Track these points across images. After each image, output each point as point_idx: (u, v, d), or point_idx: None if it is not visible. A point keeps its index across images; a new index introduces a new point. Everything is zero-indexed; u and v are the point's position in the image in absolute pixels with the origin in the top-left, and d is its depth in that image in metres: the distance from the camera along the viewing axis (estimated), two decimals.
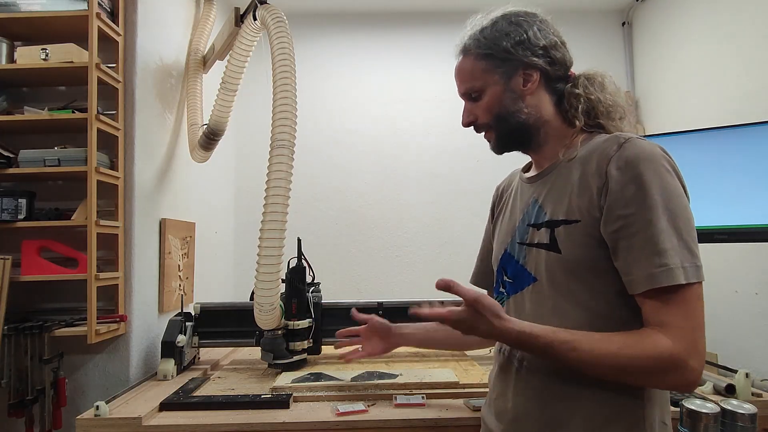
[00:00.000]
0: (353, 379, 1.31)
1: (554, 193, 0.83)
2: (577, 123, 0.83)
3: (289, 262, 1.49)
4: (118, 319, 1.39)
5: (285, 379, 1.32)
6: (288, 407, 1.17)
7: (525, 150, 0.92)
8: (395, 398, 1.20)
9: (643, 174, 0.71)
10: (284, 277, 1.46)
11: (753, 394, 1.18)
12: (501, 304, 0.80)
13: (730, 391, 1.17)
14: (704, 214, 1.45)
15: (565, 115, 0.86)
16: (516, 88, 0.84)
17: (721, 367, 1.38)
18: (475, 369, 1.46)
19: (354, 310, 1.21)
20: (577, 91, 0.83)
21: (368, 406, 1.17)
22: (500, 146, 0.90)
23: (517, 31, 0.83)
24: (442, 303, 1.68)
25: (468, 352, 1.62)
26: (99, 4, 1.36)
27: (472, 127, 0.91)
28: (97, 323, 1.31)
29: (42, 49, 1.36)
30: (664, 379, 0.69)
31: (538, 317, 0.80)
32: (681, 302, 0.69)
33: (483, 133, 0.91)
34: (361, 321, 1.21)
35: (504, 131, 0.87)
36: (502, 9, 0.86)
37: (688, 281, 0.68)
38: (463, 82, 0.88)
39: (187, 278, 1.84)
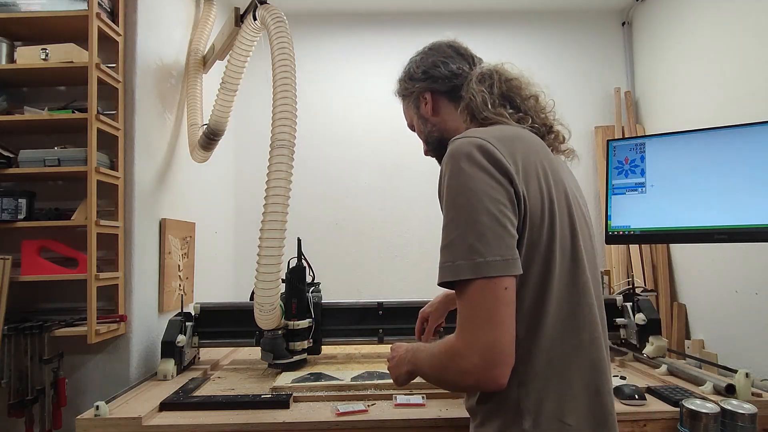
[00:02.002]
0: (353, 379, 1.31)
1: None
2: (464, 124, 0.89)
3: (289, 262, 1.49)
4: (118, 319, 1.39)
5: (285, 379, 1.32)
6: (288, 407, 1.17)
7: None
8: (395, 398, 1.20)
9: (444, 174, 0.75)
10: (284, 277, 1.46)
11: (753, 394, 1.18)
12: None
13: (730, 391, 1.17)
14: (704, 214, 1.45)
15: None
16: (423, 113, 0.97)
17: (721, 367, 1.38)
18: None
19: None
20: (461, 92, 0.90)
21: (368, 406, 1.17)
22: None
23: (407, 68, 0.99)
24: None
25: None
26: (99, 4, 1.36)
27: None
28: (97, 323, 1.31)
29: (42, 49, 1.36)
30: (452, 374, 0.70)
31: None
32: (464, 298, 0.68)
33: None
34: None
35: (432, 151, 1.00)
36: None
37: (457, 278, 0.68)
38: (405, 120, 1.05)
39: (187, 278, 1.84)
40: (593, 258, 0.82)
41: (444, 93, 0.94)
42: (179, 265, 1.76)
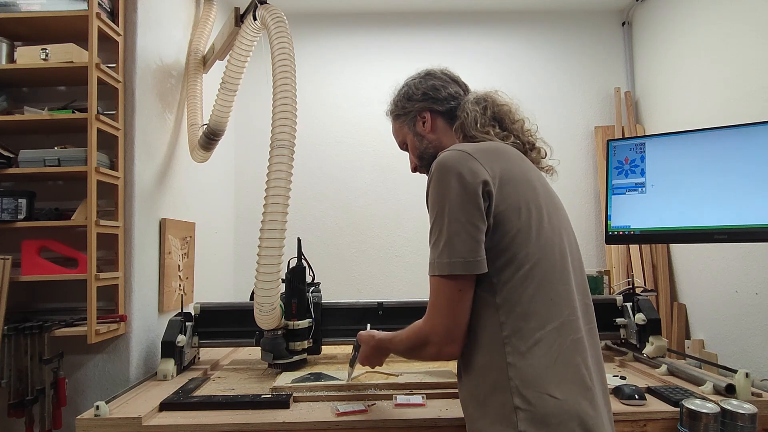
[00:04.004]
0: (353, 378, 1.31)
1: None
2: (457, 141, 1.00)
3: (289, 262, 1.49)
4: (118, 319, 1.39)
5: (285, 379, 1.32)
6: (288, 407, 1.17)
7: None
8: (395, 398, 1.20)
9: (430, 182, 0.87)
10: (284, 277, 1.46)
11: (753, 394, 1.18)
12: None
13: (730, 391, 1.17)
14: (704, 214, 1.45)
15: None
16: (419, 131, 1.06)
17: (721, 367, 1.38)
18: None
19: None
20: (457, 113, 1.02)
21: (368, 406, 1.17)
22: None
23: (405, 90, 1.08)
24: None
25: None
26: (99, 4, 1.36)
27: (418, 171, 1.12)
28: (97, 323, 1.31)
29: (42, 49, 1.36)
30: (421, 350, 0.88)
31: None
32: (431, 289, 0.85)
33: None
34: None
35: (425, 167, 1.06)
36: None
37: (432, 274, 0.84)
38: (395, 139, 1.14)
39: (187, 278, 1.84)
40: (577, 251, 0.94)
41: (441, 113, 1.04)
42: (179, 265, 1.76)
